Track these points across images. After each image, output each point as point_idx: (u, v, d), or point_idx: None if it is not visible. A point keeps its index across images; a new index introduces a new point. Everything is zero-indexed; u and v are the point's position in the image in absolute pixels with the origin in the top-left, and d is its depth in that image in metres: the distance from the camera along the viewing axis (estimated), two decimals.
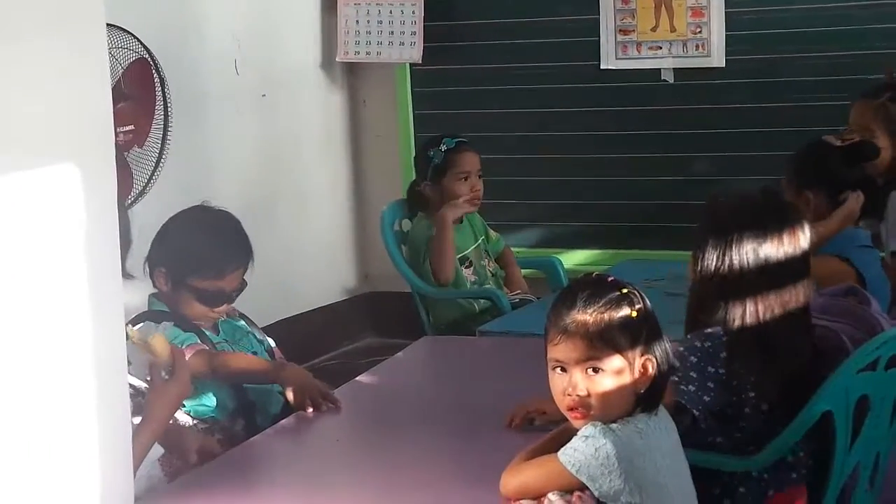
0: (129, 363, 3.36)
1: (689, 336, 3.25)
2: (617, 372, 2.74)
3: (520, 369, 3.85)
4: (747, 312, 3.21)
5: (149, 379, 3.32)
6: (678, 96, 6.71)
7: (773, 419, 3.19)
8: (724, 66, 6.59)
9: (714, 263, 3.26)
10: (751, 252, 3.23)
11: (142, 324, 3.80)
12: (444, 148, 5.53)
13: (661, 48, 6.71)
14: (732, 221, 3.29)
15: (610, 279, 2.82)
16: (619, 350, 2.74)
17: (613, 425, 2.74)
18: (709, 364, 3.19)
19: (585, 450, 2.71)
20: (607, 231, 6.92)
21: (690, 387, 3.18)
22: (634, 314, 2.76)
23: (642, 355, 2.76)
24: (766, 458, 3.21)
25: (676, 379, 3.17)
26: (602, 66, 6.81)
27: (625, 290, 2.78)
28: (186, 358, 3.69)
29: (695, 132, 6.65)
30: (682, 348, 3.20)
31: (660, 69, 6.73)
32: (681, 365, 3.18)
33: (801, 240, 3.28)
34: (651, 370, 2.77)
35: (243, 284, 4.06)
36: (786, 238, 3.25)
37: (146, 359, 3.41)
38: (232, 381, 3.90)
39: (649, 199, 6.80)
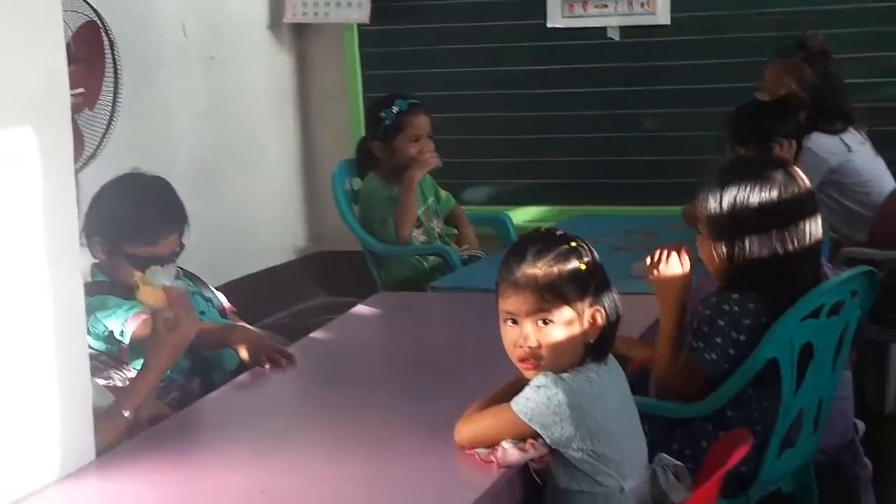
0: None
1: (713, 298, 3.33)
2: (567, 323, 2.80)
3: (471, 323, 3.91)
4: (752, 245, 3.29)
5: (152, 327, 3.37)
6: (624, 54, 6.75)
7: None
8: (669, 23, 6.65)
9: (724, 205, 3.32)
10: (756, 194, 3.31)
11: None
12: (395, 109, 5.54)
13: (606, 6, 6.75)
14: (734, 174, 3.37)
15: (559, 233, 2.88)
16: (568, 302, 2.80)
17: (565, 374, 2.80)
18: (733, 329, 3.28)
19: (538, 398, 2.77)
20: (556, 188, 6.98)
21: (713, 355, 3.29)
22: (583, 266, 2.82)
23: (591, 306, 2.82)
24: (713, 404, 3.30)
25: (701, 345, 3.29)
26: (549, 25, 6.85)
27: (573, 244, 2.84)
28: (137, 325, 3.74)
29: (641, 89, 6.71)
30: (708, 312, 3.30)
31: (606, 27, 6.77)
32: (708, 329, 3.29)
33: (801, 181, 3.37)
34: (600, 321, 2.83)
35: (180, 248, 4.06)
36: (787, 179, 3.34)
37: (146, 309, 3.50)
38: None
39: (597, 156, 6.87)
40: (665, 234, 5.21)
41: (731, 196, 3.31)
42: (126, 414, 3.19)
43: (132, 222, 3.95)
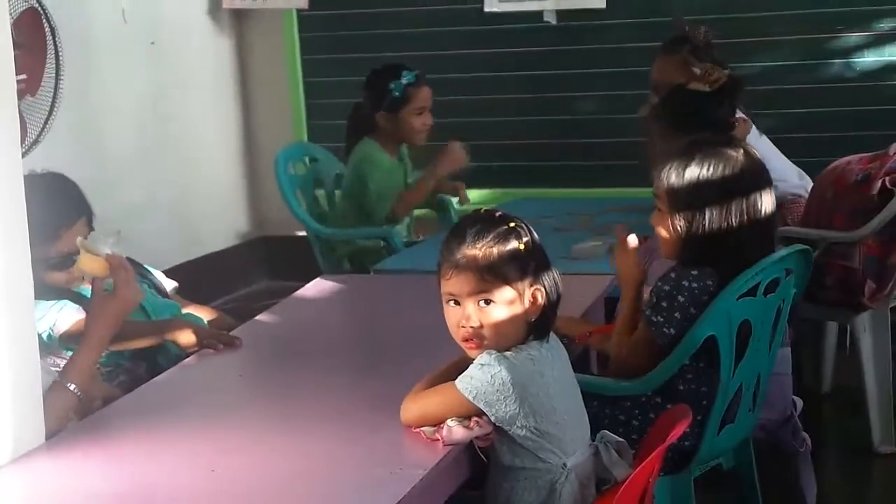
0: None
1: (673, 274, 3.39)
2: (508, 302, 2.85)
3: (414, 305, 3.95)
4: (712, 218, 3.36)
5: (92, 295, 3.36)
6: (561, 37, 6.80)
7: None
8: (604, 6, 6.70)
9: (686, 179, 3.40)
10: (717, 168, 3.39)
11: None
12: (404, 81, 5.61)
13: None
14: (694, 150, 3.45)
15: (498, 214, 2.93)
16: (508, 282, 2.85)
17: (508, 353, 2.84)
18: (692, 306, 3.34)
19: (481, 377, 2.82)
20: (498, 171, 7.01)
21: (672, 329, 3.35)
22: (522, 247, 2.86)
23: (532, 286, 2.87)
24: (653, 382, 3.37)
25: (661, 319, 3.35)
26: (486, 9, 6.89)
27: (512, 224, 2.89)
28: (70, 324, 3.74)
29: (578, 72, 6.77)
30: (667, 287, 3.36)
31: (542, 11, 6.82)
32: (667, 305, 3.35)
33: (756, 157, 3.47)
34: (541, 300, 2.88)
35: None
36: (744, 155, 3.43)
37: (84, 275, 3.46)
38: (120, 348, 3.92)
39: (537, 139, 6.92)
40: (604, 216, 5.29)
41: (693, 170, 3.38)
42: (72, 388, 3.19)
43: (31, 224, 3.91)
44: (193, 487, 2.74)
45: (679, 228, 3.39)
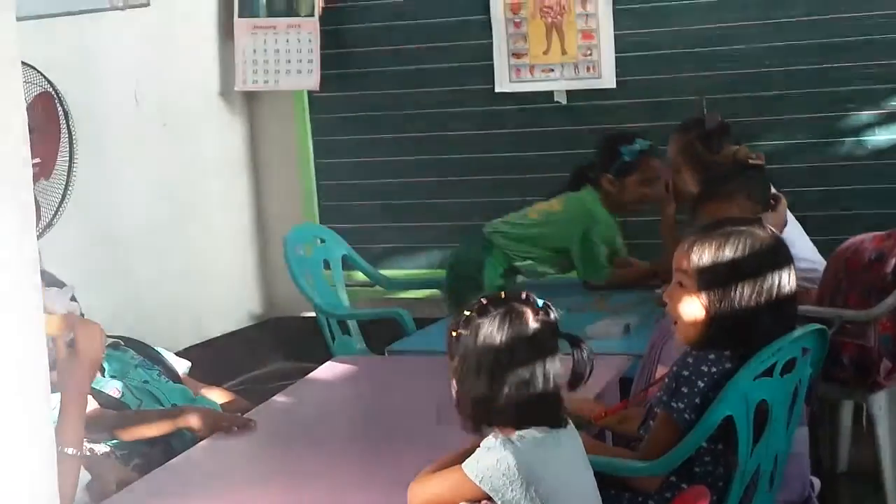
0: None
1: (690, 359, 3.36)
2: None
3: (427, 387, 3.93)
4: (741, 299, 3.33)
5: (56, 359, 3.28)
6: (572, 117, 6.82)
7: None
8: (614, 86, 6.71)
9: (717, 256, 3.37)
10: (745, 246, 3.37)
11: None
12: (637, 147, 5.61)
13: (553, 71, 6.81)
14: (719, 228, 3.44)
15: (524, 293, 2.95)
16: None
17: (514, 436, 2.84)
18: (711, 390, 3.30)
19: (488, 460, 2.81)
20: None
21: (692, 416, 3.31)
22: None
23: None
24: (670, 463, 3.32)
25: (681, 406, 3.31)
26: (497, 90, 6.91)
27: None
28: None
29: (589, 152, 6.76)
30: (686, 372, 3.32)
31: (553, 91, 6.85)
32: (687, 390, 3.31)
33: (778, 235, 3.49)
34: None
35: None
36: (767, 233, 3.43)
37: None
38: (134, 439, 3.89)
39: None
40: (618, 296, 5.28)
41: (726, 250, 3.35)
42: (70, 451, 3.13)
43: None
44: None
45: (705, 308, 3.37)
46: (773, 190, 4.79)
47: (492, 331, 2.87)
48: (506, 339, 2.86)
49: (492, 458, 2.81)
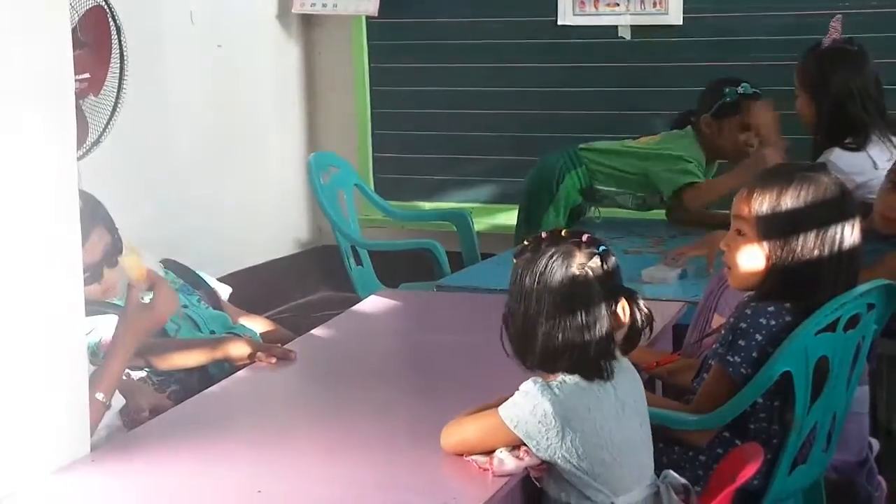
0: None
1: (749, 310, 3.24)
2: None
3: (476, 325, 3.85)
4: (803, 249, 3.21)
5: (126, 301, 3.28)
6: (635, 53, 6.69)
7: None
8: (681, 23, 6.59)
9: (781, 205, 3.24)
10: (810, 193, 3.23)
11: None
12: (740, 90, 5.42)
13: (618, 5, 6.69)
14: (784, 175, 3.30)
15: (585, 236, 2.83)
16: None
17: (553, 383, 2.74)
18: (769, 344, 3.19)
19: (524, 406, 2.72)
20: None
21: (749, 370, 3.20)
22: None
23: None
24: (723, 417, 3.22)
25: (738, 359, 3.20)
26: (559, 22, 6.79)
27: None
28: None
29: (651, 90, 6.66)
30: (744, 325, 3.21)
31: (617, 26, 6.71)
32: (745, 343, 3.20)
33: (845, 185, 3.33)
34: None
35: (111, 246, 3.89)
36: (834, 182, 3.28)
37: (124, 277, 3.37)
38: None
39: None
40: (677, 240, 5.16)
41: (790, 197, 3.22)
42: (99, 397, 3.12)
43: None
44: None
45: (766, 258, 3.24)
46: None
47: (543, 269, 2.75)
48: (555, 281, 2.74)
49: (528, 404, 2.71)
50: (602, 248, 2.80)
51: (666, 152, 5.50)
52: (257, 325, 4.23)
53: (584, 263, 2.76)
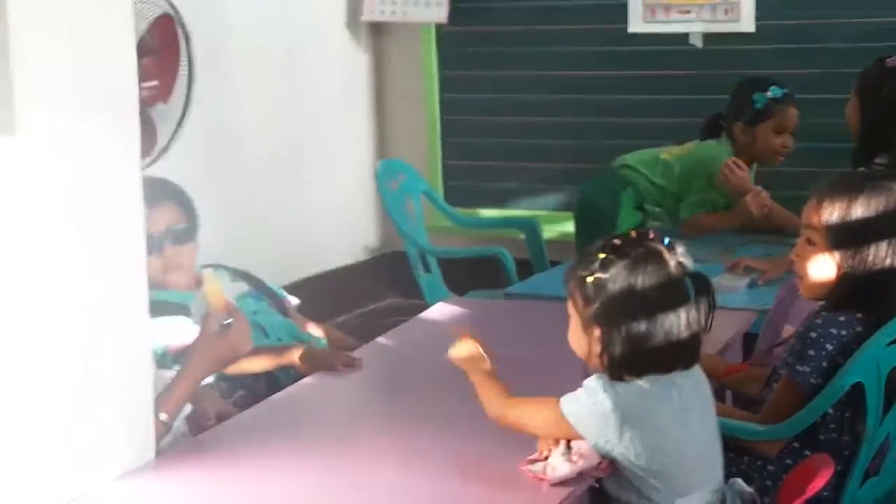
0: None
1: (819, 320, 3.21)
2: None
3: (544, 333, 3.80)
4: (874, 258, 3.17)
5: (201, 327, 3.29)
6: (707, 61, 6.64)
7: None
8: (753, 31, 6.53)
9: (850, 214, 3.20)
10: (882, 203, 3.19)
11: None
12: (769, 95, 5.37)
13: (689, 12, 6.65)
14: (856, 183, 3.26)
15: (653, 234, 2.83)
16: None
17: (619, 383, 2.73)
18: (840, 355, 3.16)
19: (585, 401, 2.72)
20: None
21: (819, 380, 3.17)
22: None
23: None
24: (793, 428, 3.19)
25: (807, 369, 3.17)
26: (630, 30, 6.75)
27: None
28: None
29: (723, 98, 6.58)
30: (814, 335, 3.18)
31: (688, 33, 6.67)
32: (814, 353, 3.17)
33: None
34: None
35: (179, 225, 3.98)
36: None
37: (203, 306, 3.37)
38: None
39: None
40: (746, 248, 5.10)
41: (861, 205, 3.18)
42: (162, 418, 3.10)
43: None
44: None
45: (837, 267, 3.19)
46: None
47: (634, 273, 2.73)
48: (649, 282, 2.73)
49: (589, 400, 2.71)
50: (668, 240, 2.80)
51: (704, 171, 5.43)
52: (322, 333, 4.23)
53: (677, 261, 2.76)
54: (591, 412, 2.70)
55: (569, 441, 2.74)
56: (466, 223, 6.38)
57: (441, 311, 4.31)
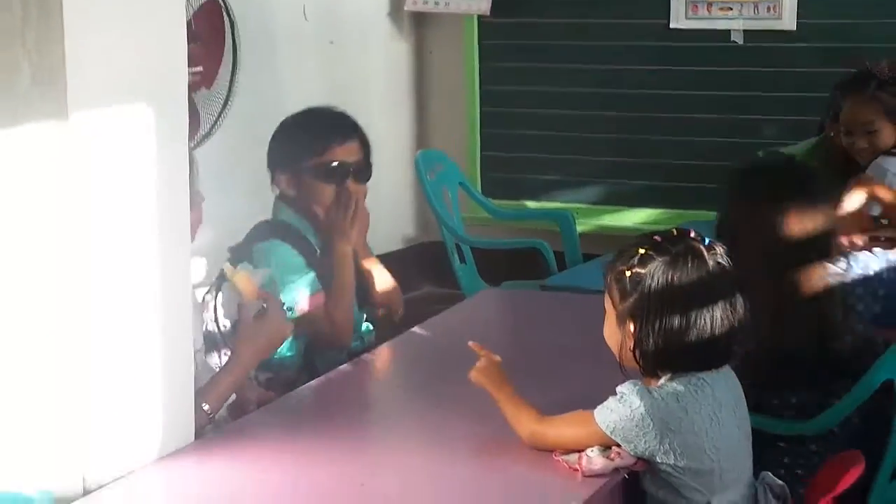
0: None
1: None
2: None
3: (580, 326, 3.82)
4: None
5: (237, 320, 3.32)
6: (747, 58, 6.64)
7: None
8: (794, 29, 6.52)
9: None
10: None
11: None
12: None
13: (731, 9, 6.64)
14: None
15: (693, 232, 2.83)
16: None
17: (653, 386, 2.75)
18: None
19: (621, 410, 2.72)
20: (669, 191, 6.87)
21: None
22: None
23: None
24: (823, 424, 3.22)
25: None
26: (671, 26, 6.76)
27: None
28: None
29: (763, 95, 6.60)
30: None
31: (729, 30, 6.67)
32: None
33: None
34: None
35: (363, 164, 4.09)
36: None
37: (235, 296, 3.39)
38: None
39: (714, 161, 6.75)
40: None
41: None
42: (205, 408, 3.13)
43: (308, 135, 4.06)
44: (340, 501, 2.70)
45: None
46: None
47: (672, 270, 2.74)
48: (687, 279, 2.74)
49: (625, 409, 2.71)
50: (709, 240, 2.81)
51: None
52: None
53: (716, 260, 2.77)
54: (629, 420, 2.70)
55: None
56: (501, 215, 6.40)
57: (478, 301, 4.35)
